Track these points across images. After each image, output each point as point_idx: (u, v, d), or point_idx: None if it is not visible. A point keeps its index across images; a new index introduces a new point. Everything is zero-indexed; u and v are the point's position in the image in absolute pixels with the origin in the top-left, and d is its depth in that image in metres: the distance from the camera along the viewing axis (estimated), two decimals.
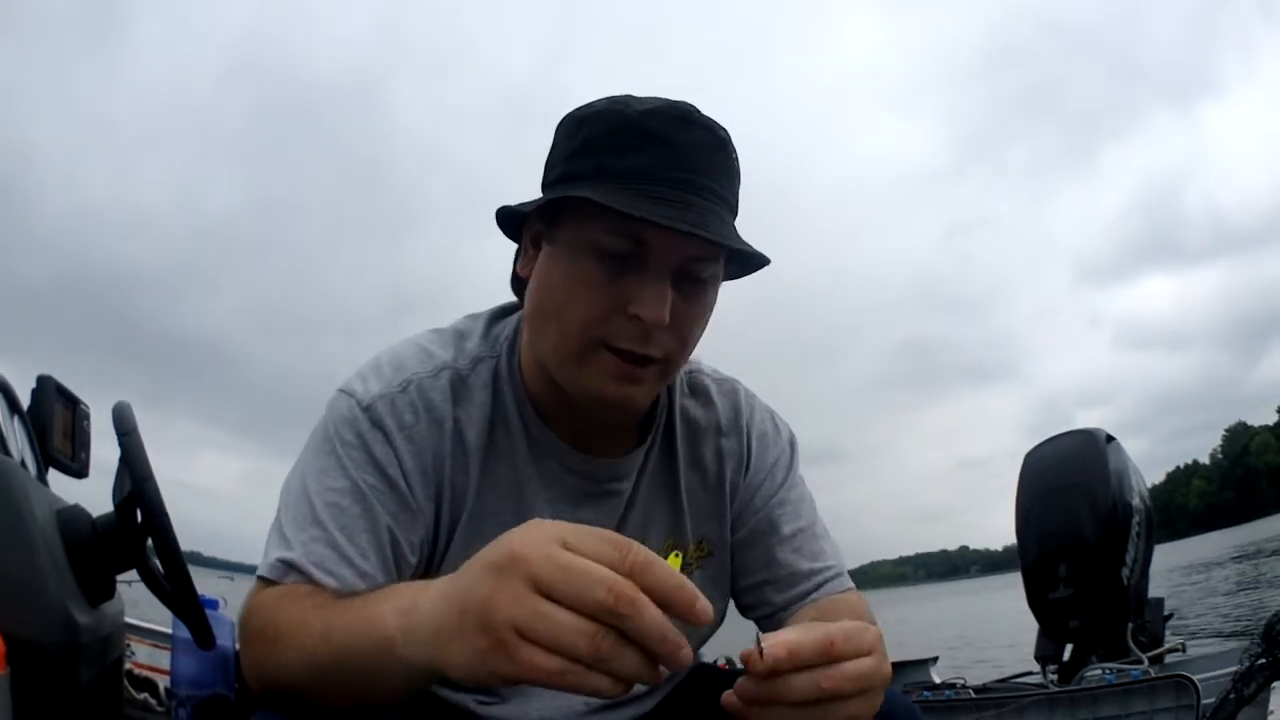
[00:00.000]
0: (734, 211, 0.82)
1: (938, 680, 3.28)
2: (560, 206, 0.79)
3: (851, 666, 0.57)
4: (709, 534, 0.96)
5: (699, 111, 0.81)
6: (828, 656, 0.57)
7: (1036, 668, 3.17)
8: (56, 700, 0.91)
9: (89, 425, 1.54)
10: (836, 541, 1.00)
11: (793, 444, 1.02)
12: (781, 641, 0.56)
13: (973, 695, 2.89)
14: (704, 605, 0.51)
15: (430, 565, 0.83)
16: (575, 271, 0.78)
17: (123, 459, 1.02)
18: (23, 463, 1.23)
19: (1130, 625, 2.96)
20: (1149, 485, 3.38)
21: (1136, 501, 3.08)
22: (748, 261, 0.85)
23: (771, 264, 0.87)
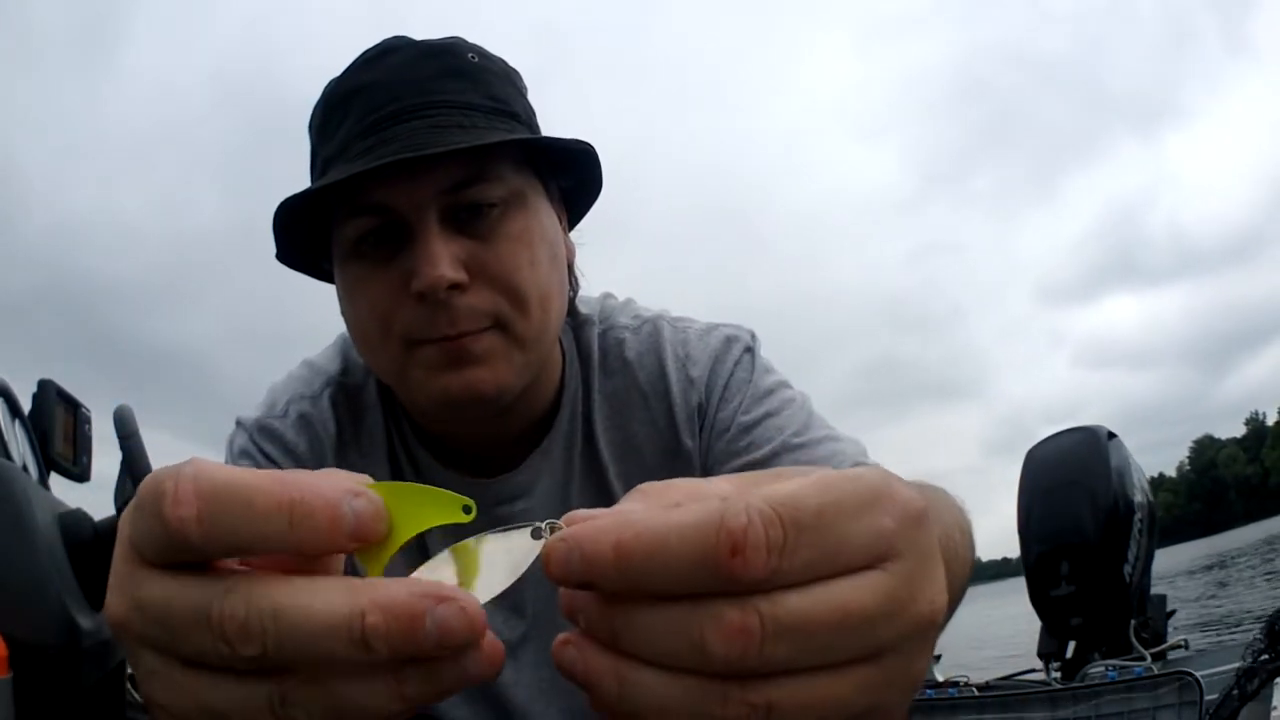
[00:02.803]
0: (493, 112, 0.67)
1: (940, 678, 3.28)
2: (321, 225, 0.70)
3: (801, 599, 0.25)
4: None
5: (406, 38, 0.69)
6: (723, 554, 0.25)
7: (1039, 665, 3.16)
8: (58, 704, 0.91)
9: (90, 429, 1.54)
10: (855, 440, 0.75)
11: (749, 350, 0.79)
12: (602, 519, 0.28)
13: (976, 693, 2.89)
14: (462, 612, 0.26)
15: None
16: (348, 280, 0.69)
17: (124, 462, 1.02)
18: (24, 467, 1.23)
19: (1133, 622, 2.95)
20: None
21: (1139, 498, 3.07)
22: (571, 162, 0.71)
23: (599, 162, 0.71)
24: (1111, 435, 3.20)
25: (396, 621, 0.25)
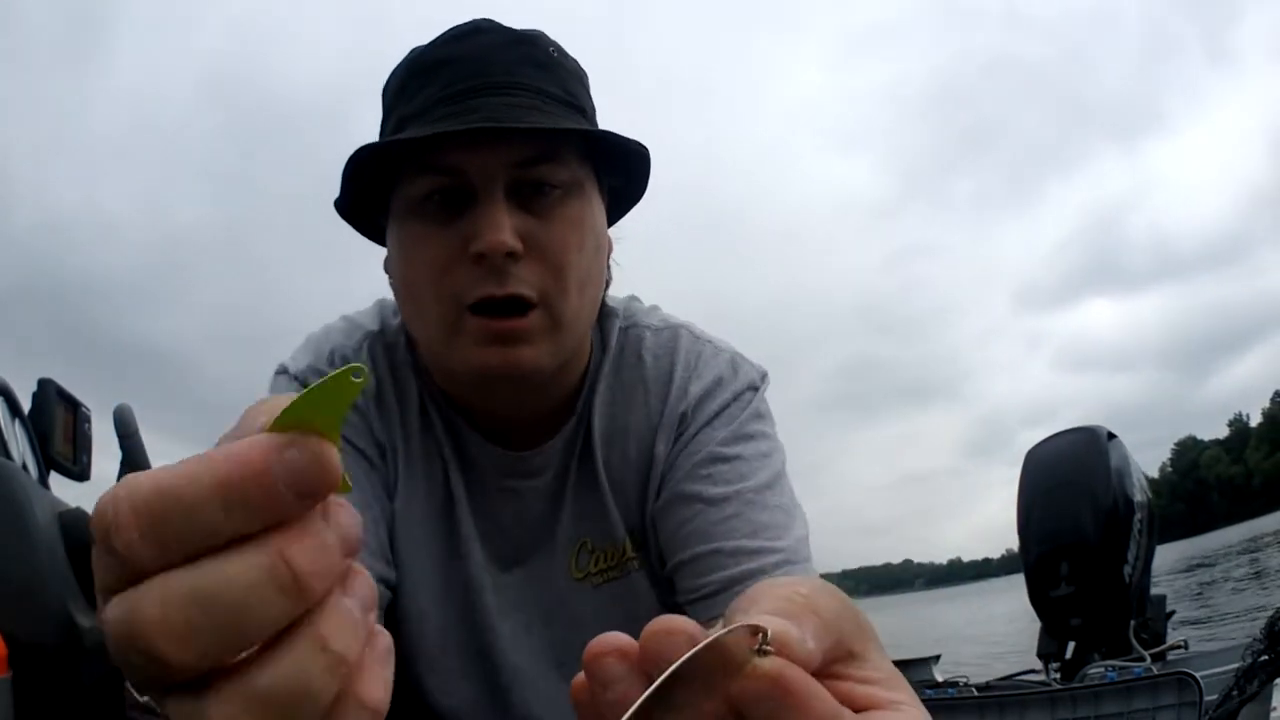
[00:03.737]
0: (565, 103, 0.71)
1: (940, 679, 3.28)
2: (383, 183, 0.73)
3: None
4: (642, 523, 0.80)
5: (494, 21, 0.73)
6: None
7: (1039, 665, 3.17)
8: (58, 702, 0.91)
9: (90, 428, 1.54)
10: (804, 517, 0.76)
11: (753, 388, 0.80)
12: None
13: (975, 694, 2.89)
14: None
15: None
16: (406, 237, 0.71)
17: (124, 461, 1.02)
18: (24, 466, 1.23)
19: (1132, 623, 2.96)
20: None
21: (1139, 498, 3.07)
22: (625, 162, 0.75)
23: (650, 160, 0.76)
24: (1111, 436, 3.20)
25: (246, 470, 0.24)
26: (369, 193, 0.75)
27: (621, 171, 0.78)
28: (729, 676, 0.25)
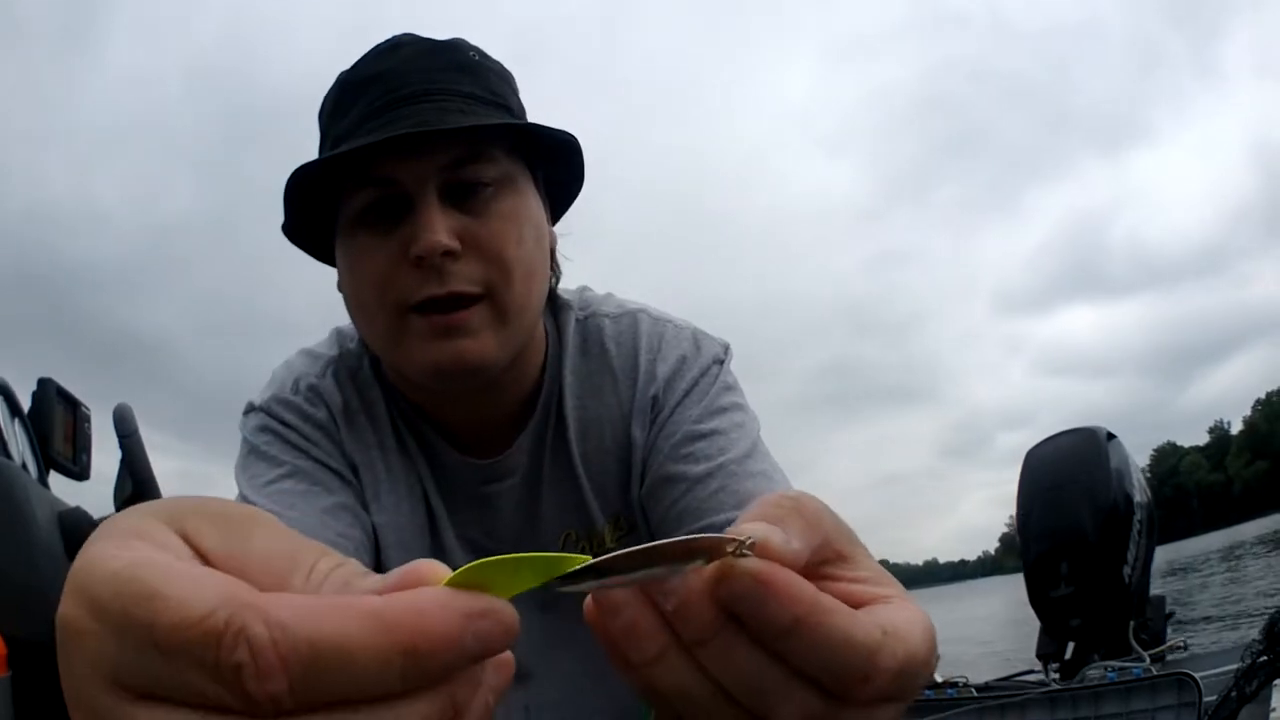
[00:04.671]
0: (490, 104, 0.73)
1: (939, 679, 3.28)
2: (326, 203, 0.74)
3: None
4: (624, 509, 0.81)
5: (415, 35, 0.75)
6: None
7: (1038, 666, 3.17)
8: (58, 701, 0.91)
9: (90, 428, 1.54)
10: (784, 478, 0.77)
11: (719, 362, 0.81)
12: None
13: (975, 694, 2.89)
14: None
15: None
16: (350, 251, 0.73)
17: (124, 461, 1.02)
18: (24, 465, 1.23)
19: (1132, 623, 2.96)
20: None
21: (1138, 499, 3.07)
22: (557, 154, 0.77)
23: (580, 149, 0.77)
24: (1111, 436, 3.20)
25: (435, 641, 0.22)
26: (315, 215, 0.76)
27: (555, 164, 0.79)
28: (719, 585, 0.27)
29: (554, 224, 0.84)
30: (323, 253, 0.81)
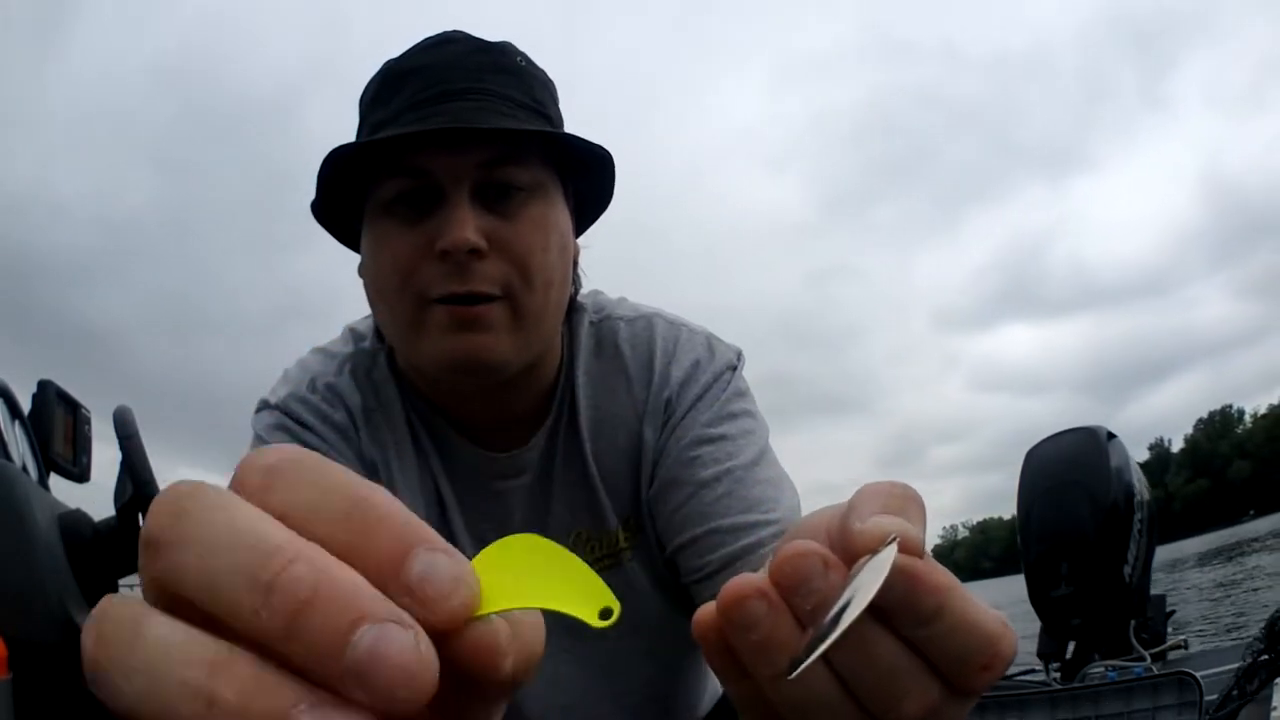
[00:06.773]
0: (531, 109, 0.74)
1: None
2: (357, 188, 0.75)
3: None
4: (635, 510, 0.81)
5: (464, 32, 0.75)
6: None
7: (1039, 665, 3.16)
8: (58, 702, 0.91)
9: (90, 430, 1.54)
10: (792, 486, 0.79)
11: (732, 368, 0.82)
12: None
13: None
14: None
15: None
16: (376, 237, 0.73)
17: (124, 463, 1.02)
18: (24, 467, 1.23)
19: (1133, 623, 2.95)
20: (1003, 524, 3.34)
21: (1138, 499, 3.07)
22: (589, 167, 0.77)
23: (614, 161, 0.77)
24: (1111, 435, 3.19)
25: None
26: (344, 198, 0.76)
27: (586, 177, 0.79)
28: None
29: (578, 236, 0.85)
30: (345, 235, 0.81)
